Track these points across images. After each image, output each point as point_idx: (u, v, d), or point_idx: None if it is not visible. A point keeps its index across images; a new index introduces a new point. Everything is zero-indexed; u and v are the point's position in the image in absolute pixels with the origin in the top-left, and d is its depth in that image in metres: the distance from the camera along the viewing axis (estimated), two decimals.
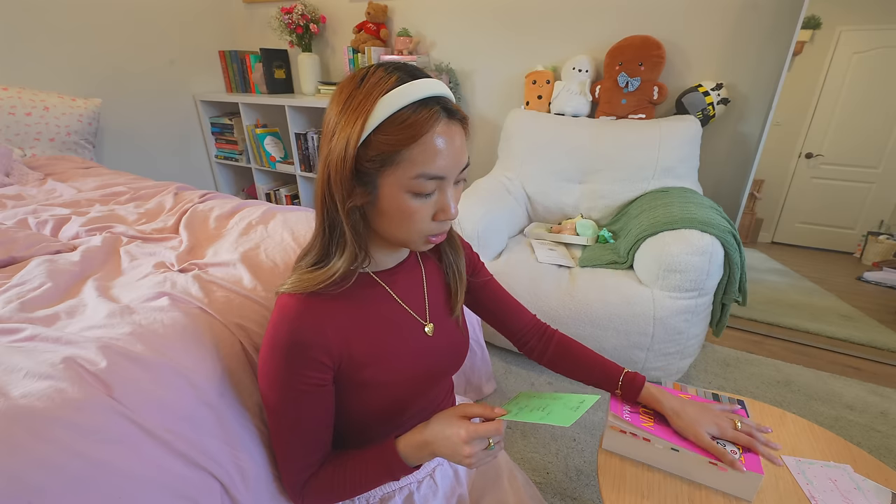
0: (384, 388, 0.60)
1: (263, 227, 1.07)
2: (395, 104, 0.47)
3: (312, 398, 0.56)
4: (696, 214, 1.32)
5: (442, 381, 0.72)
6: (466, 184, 1.98)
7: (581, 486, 1.15)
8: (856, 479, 0.66)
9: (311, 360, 0.54)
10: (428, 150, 0.48)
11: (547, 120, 1.87)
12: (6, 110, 1.72)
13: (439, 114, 0.49)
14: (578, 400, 0.56)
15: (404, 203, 0.50)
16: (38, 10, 1.90)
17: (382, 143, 0.48)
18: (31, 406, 0.50)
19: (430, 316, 0.66)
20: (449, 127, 0.50)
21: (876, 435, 1.33)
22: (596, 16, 1.85)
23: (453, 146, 0.50)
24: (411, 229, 0.53)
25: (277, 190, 2.70)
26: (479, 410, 0.56)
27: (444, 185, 0.52)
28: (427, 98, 0.49)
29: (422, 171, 0.49)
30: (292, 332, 0.53)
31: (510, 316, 0.79)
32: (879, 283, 2.36)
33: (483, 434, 0.52)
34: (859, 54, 2.07)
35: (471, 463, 0.52)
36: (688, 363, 1.43)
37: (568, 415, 0.52)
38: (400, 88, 0.47)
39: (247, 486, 0.64)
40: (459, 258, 0.70)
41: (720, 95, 1.66)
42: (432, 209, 0.53)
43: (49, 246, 0.98)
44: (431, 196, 0.52)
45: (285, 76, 2.57)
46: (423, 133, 0.47)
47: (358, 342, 0.57)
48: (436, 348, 0.66)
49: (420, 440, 0.56)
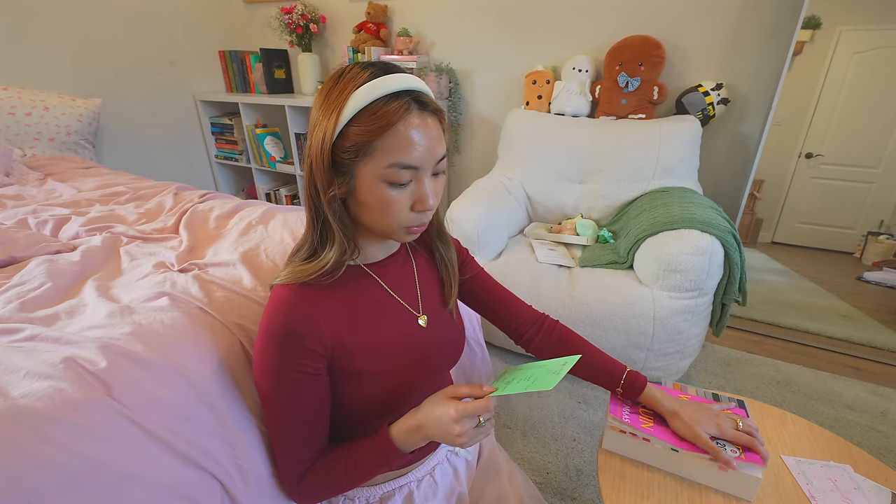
0: (377, 377, 0.60)
1: (263, 227, 1.07)
2: (367, 97, 0.49)
3: (306, 388, 0.56)
4: (696, 214, 1.32)
5: (438, 376, 0.72)
6: (466, 183, 1.99)
7: (581, 486, 1.15)
8: (856, 479, 0.66)
9: (305, 349, 0.54)
10: (400, 139, 0.50)
11: (547, 120, 1.87)
12: (6, 110, 1.72)
13: (409, 105, 0.50)
14: (560, 363, 0.57)
15: (381, 193, 0.52)
16: (38, 10, 1.90)
17: (356, 134, 0.50)
18: (31, 406, 0.50)
19: (423, 308, 0.67)
20: (422, 118, 0.51)
21: (876, 435, 1.33)
22: (596, 16, 1.85)
23: (427, 137, 0.51)
24: (391, 220, 0.54)
25: (277, 190, 2.70)
26: (468, 391, 0.57)
27: (420, 176, 0.53)
28: (399, 91, 0.50)
29: (395, 160, 0.50)
30: (286, 322, 0.54)
31: (504, 307, 0.78)
32: (879, 283, 2.36)
33: (472, 412, 0.53)
34: (859, 54, 2.07)
35: (463, 442, 0.53)
36: (688, 363, 1.43)
37: (550, 378, 0.53)
38: (372, 82, 0.49)
39: (247, 486, 0.64)
40: (450, 251, 0.71)
41: (720, 95, 1.66)
42: (410, 199, 0.54)
43: (49, 246, 0.98)
44: (407, 186, 0.53)
45: (285, 76, 2.57)
46: (393, 123, 0.49)
47: (350, 331, 0.58)
48: (430, 340, 0.66)
49: (412, 424, 0.56)
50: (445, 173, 0.57)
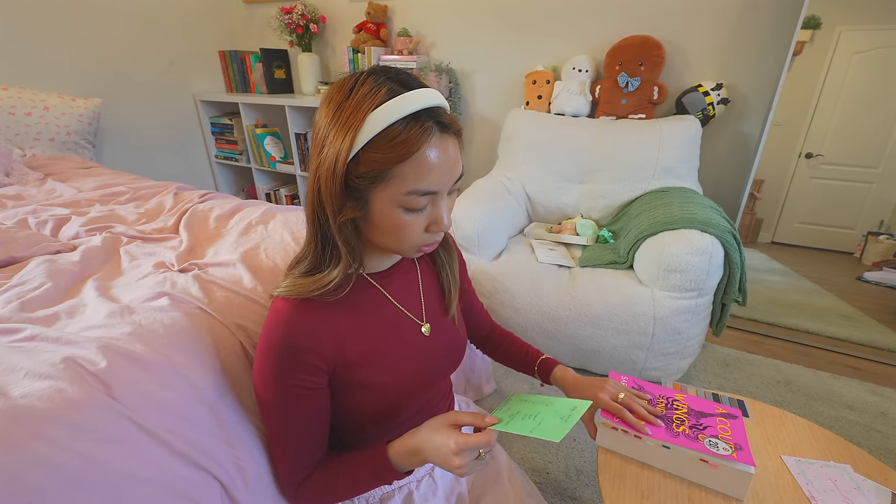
0: (380, 389, 0.60)
1: (263, 227, 1.07)
2: (385, 119, 0.45)
3: (306, 401, 0.56)
4: (696, 214, 1.32)
5: (439, 383, 0.72)
6: (466, 183, 1.99)
7: (581, 486, 1.15)
8: (856, 479, 0.66)
9: (305, 364, 0.54)
10: (420, 166, 0.46)
11: (547, 120, 1.87)
12: (6, 110, 1.72)
13: (432, 129, 0.46)
14: (570, 406, 0.55)
15: (397, 218, 0.50)
16: (37, 10, 1.90)
17: (373, 161, 0.46)
18: (31, 406, 0.50)
19: (426, 316, 0.66)
20: (443, 142, 0.48)
21: (876, 435, 1.33)
22: (596, 16, 1.85)
23: (446, 161, 0.48)
24: (404, 241, 0.53)
25: (277, 190, 2.70)
26: (470, 419, 0.55)
27: (437, 199, 0.51)
28: (419, 111, 0.46)
29: (414, 187, 0.47)
30: (286, 337, 0.53)
31: (476, 320, 0.85)
32: (879, 283, 2.36)
33: (473, 446, 0.51)
34: (859, 54, 2.07)
35: (462, 473, 0.52)
36: (688, 363, 1.43)
37: (558, 427, 0.51)
38: (390, 103, 0.45)
39: (247, 486, 0.64)
40: (453, 259, 0.70)
41: (720, 95, 1.66)
42: (425, 222, 0.52)
43: (49, 246, 0.98)
44: (424, 210, 0.51)
45: (285, 76, 2.57)
46: (415, 150, 0.45)
47: (353, 344, 0.57)
48: (433, 349, 0.66)
49: (411, 446, 0.55)
50: (460, 189, 0.55)
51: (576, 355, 1.47)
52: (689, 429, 0.66)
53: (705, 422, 0.68)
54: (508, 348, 0.85)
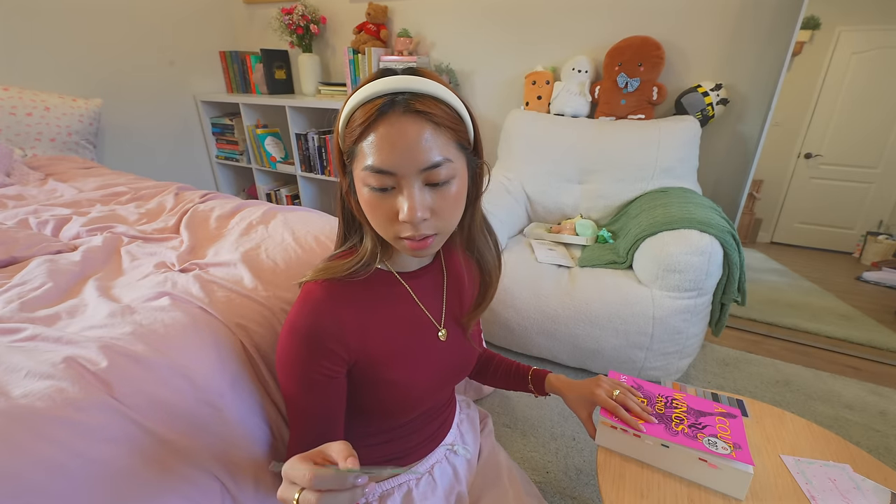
0: (397, 387, 0.60)
1: (264, 227, 1.07)
2: (353, 103, 0.50)
3: (327, 387, 0.56)
4: (695, 214, 1.32)
5: (447, 387, 0.72)
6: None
7: (581, 486, 1.15)
8: (855, 479, 0.66)
9: (328, 351, 0.54)
10: (374, 143, 0.49)
11: (546, 120, 1.87)
12: (7, 110, 1.72)
13: (382, 107, 0.48)
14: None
15: (365, 195, 0.52)
16: (38, 10, 1.91)
17: (345, 139, 0.52)
18: (32, 406, 0.50)
19: (445, 322, 0.67)
20: (399, 120, 0.47)
21: (875, 434, 1.33)
22: (595, 16, 1.85)
23: (401, 140, 0.47)
24: (377, 224, 0.53)
25: (278, 190, 2.70)
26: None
27: (401, 183, 0.49)
28: (383, 94, 0.48)
29: (367, 163, 0.49)
30: (313, 322, 0.54)
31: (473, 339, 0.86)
32: (878, 282, 2.37)
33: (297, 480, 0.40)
34: (858, 54, 2.08)
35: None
36: (687, 363, 1.43)
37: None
38: (363, 87, 0.50)
39: (247, 486, 0.64)
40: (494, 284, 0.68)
41: (719, 96, 1.66)
42: (392, 208, 0.51)
43: (50, 246, 0.98)
44: (389, 192, 0.50)
45: (286, 77, 2.57)
46: (364, 126, 0.48)
47: (375, 339, 0.58)
48: (448, 354, 0.66)
49: None
50: (455, 185, 0.52)
51: (575, 355, 1.47)
52: (688, 428, 0.66)
53: (704, 421, 0.68)
54: (497, 369, 0.84)
